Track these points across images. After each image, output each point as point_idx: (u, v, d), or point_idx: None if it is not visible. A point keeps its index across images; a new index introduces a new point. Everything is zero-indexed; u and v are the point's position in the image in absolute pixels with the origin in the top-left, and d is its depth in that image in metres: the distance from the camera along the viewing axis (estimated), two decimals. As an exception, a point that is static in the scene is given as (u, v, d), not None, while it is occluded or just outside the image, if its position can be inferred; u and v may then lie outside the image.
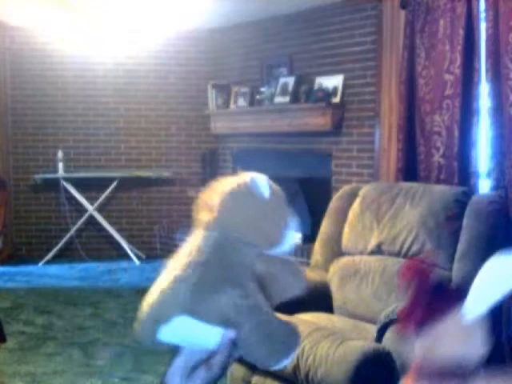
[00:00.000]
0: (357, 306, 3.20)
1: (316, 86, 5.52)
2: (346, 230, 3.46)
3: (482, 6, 3.44)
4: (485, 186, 3.48)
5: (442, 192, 3.18)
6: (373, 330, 2.71)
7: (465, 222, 3.03)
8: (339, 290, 3.31)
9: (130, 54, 6.68)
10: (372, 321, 2.93)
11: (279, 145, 6.06)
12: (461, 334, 1.27)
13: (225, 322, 1.19)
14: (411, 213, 3.19)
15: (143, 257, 6.67)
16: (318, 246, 3.59)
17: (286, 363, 1.22)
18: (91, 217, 6.67)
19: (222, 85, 6.59)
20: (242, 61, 6.46)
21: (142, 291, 1.07)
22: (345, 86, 5.32)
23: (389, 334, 2.56)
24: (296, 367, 2.58)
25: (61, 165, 6.46)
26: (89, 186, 6.69)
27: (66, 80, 6.69)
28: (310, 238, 5.09)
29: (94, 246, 6.80)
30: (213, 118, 6.68)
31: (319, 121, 5.42)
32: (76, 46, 6.56)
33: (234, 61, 6.58)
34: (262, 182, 1.95)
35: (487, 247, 2.94)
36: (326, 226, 3.59)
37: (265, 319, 1.25)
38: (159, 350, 1.86)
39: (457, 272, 2.95)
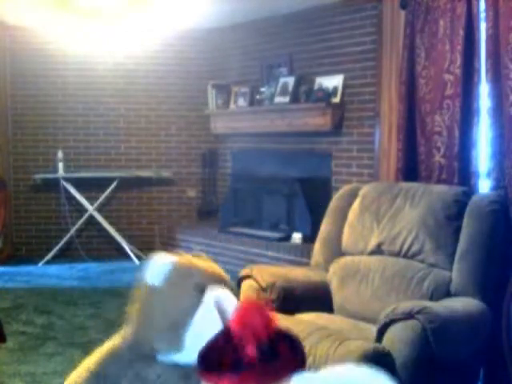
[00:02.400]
0: (357, 306, 3.20)
1: (316, 86, 5.52)
2: (346, 229, 3.46)
3: (482, 5, 3.43)
4: (485, 186, 3.48)
5: (441, 192, 3.18)
6: (373, 330, 2.71)
7: (465, 221, 3.03)
8: (339, 290, 3.31)
9: (129, 54, 6.68)
10: (372, 321, 2.93)
11: (279, 145, 6.06)
12: None
13: None
14: (411, 213, 3.19)
15: (143, 257, 6.67)
16: (317, 246, 3.59)
17: None
18: (91, 217, 6.67)
19: (221, 85, 6.59)
20: (242, 61, 6.46)
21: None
22: (345, 85, 5.32)
23: (389, 334, 2.56)
24: (296, 367, 2.58)
25: (61, 165, 6.46)
26: (89, 186, 6.68)
27: (66, 80, 6.69)
28: (310, 237, 5.09)
29: (94, 245, 6.80)
30: (213, 118, 6.68)
31: (319, 121, 5.41)
32: (76, 46, 6.55)
33: (234, 61, 6.58)
34: (155, 269, 1.77)
35: (487, 247, 2.94)
36: (325, 226, 3.59)
37: None
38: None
39: (457, 272, 2.95)
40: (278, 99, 5.83)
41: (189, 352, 1.55)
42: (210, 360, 1.28)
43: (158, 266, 1.65)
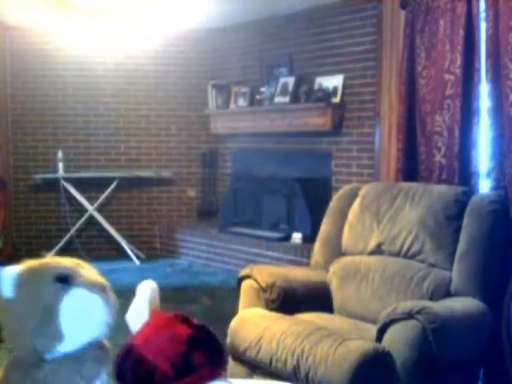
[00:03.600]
0: (357, 306, 3.19)
1: (316, 86, 5.52)
2: (346, 230, 3.46)
3: (482, 5, 3.43)
4: (485, 186, 3.47)
5: (441, 192, 3.18)
6: (373, 330, 2.71)
7: (465, 221, 3.03)
8: (339, 290, 3.31)
9: (129, 54, 6.69)
10: (372, 321, 2.93)
11: (279, 145, 6.06)
12: None
13: None
14: (411, 213, 3.19)
15: (143, 257, 6.67)
16: (317, 246, 3.59)
17: None
18: (91, 217, 6.67)
19: (221, 85, 6.60)
20: (242, 61, 6.46)
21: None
22: (345, 85, 5.33)
23: (389, 334, 2.56)
24: (296, 367, 2.58)
25: (61, 165, 6.46)
26: (89, 186, 6.69)
27: (66, 80, 6.69)
28: (310, 237, 5.09)
29: (94, 245, 6.80)
30: (213, 118, 6.68)
31: (319, 121, 5.42)
32: (76, 46, 6.56)
33: (234, 61, 6.58)
34: (2, 283, 1.80)
35: (487, 247, 2.94)
36: (325, 226, 3.59)
37: None
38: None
39: (457, 272, 2.95)
40: (278, 99, 5.84)
41: (70, 339, 1.63)
42: (125, 377, 1.28)
43: (4, 280, 1.73)
